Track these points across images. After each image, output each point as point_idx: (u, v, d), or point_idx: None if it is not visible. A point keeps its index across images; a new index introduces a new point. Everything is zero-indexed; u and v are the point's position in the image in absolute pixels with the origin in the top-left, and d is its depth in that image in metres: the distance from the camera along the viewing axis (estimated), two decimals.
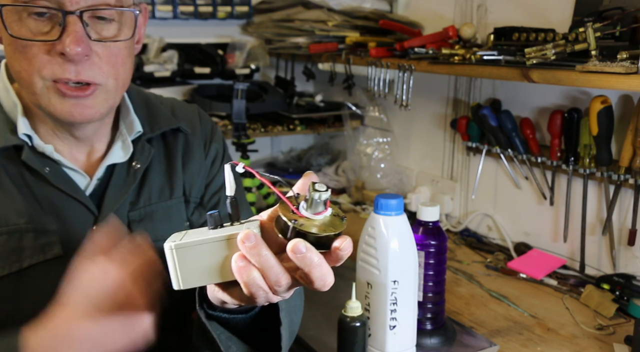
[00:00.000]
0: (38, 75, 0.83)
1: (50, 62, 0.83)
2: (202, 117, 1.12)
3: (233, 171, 0.71)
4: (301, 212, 0.66)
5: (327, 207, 0.67)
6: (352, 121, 2.12)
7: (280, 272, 0.67)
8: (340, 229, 0.66)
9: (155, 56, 1.99)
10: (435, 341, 1.18)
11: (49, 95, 0.85)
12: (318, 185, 0.66)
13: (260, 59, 2.14)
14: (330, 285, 0.67)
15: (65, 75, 0.83)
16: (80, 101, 0.86)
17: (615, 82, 1.08)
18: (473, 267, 1.59)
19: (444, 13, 1.82)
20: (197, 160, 1.07)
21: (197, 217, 1.06)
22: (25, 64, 0.83)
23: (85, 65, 0.84)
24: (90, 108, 0.87)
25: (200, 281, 0.70)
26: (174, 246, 0.68)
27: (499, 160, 1.68)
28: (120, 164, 0.98)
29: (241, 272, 0.66)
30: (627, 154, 1.34)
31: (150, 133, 1.01)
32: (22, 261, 0.89)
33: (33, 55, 0.82)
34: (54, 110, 0.86)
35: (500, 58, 1.37)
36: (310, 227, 0.65)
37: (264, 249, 0.65)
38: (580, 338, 1.23)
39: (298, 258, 0.64)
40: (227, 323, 0.82)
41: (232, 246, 0.67)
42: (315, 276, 0.65)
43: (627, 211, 1.41)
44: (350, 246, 0.66)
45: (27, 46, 0.82)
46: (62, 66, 0.83)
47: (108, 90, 0.88)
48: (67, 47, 0.81)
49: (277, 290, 0.68)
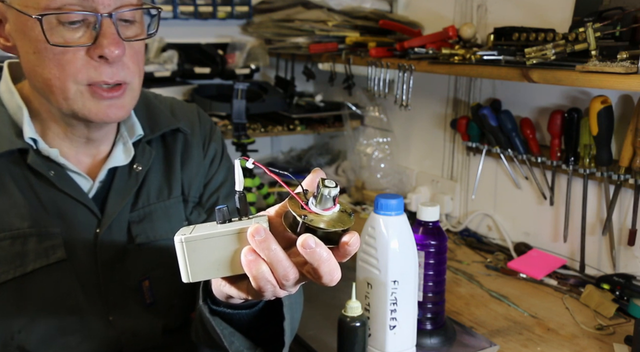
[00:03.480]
0: (72, 81, 0.85)
1: (85, 66, 0.84)
2: (201, 116, 1.12)
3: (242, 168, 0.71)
4: (310, 207, 0.67)
5: (335, 203, 0.67)
6: (352, 121, 2.12)
7: (289, 267, 0.67)
8: (348, 225, 0.67)
9: (155, 56, 1.99)
10: (435, 341, 1.18)
11: (83, 99, 0.86)
12: (327, 181, 0.66)
13: (260, 59, 2.14)
14: (337, 280, 0.67)
15: (102, 79, 0.85)
16: (114, 102, 0.88)
17: (615, 82, 1.08)
18: (473, 267, 1.59)
19: (444, 13, 1.82)
20: (196, 160, 1.07)
21: (195, 217, 1.06)
22: (57, 71, 0.84)
23: (118, 66, 0.86)
24: (122, 108, 0.89)
25: (209, 274, 0.70)
26: (184, 239, 0.68)
27: (499, 160, 1.68)
28: (121, 167, 0.98)
29: (250, 265, 0.67)
30: (627, 154, 1.34)
31: (151, 134, 1.01)
32: (26, 265, 0.89)
33: (67, 62, 0.84)
34: (88, 113, 0.87)
35: (500, 58, 1.37)
36: (319, 222, 0.66)
37: (274, 243, 0.66)
38: (580, 338, 1.23)
39: (307, 253, 0.64)
40: (230, 319, 0.82)
41: (242, 240, 0.68)
42: (324, 271, 0.66)
43: (627, 211, 1.41)
44: (358, 241, 0.67)
45: (61, 54, 0.83)
46: (97, 70, 0.85)
47: (134, 88, 0.91)
48: (106, 48, 0.83)
49: (285, 284, 0.69)
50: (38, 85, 0.88)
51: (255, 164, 0.69)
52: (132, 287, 0.98)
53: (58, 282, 0.91)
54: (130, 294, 0.98)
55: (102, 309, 0.95)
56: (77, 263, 0.93)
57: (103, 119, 0.88)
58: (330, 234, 0.66)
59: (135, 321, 0.98)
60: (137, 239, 0.98)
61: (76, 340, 0.93)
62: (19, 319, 0.90)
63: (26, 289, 0.89)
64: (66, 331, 0.92)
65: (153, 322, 1.00)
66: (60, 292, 0.92)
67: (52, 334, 0.92)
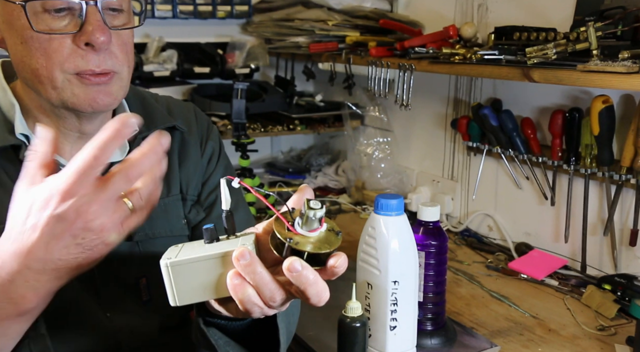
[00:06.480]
0: (60, 70, 0.84)
1: (72, 55, 0.83)
2: (198, 115, 1.12)
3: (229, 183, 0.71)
4: (296, 229, 0.67)
5: (322, 223, 0.67)
6: (352, 121, 2.12)
7: (275, 289, 0.67)
8: (335, 246, 0.67)
9: (154, 56, 1.98)
10: (435, 341, 1.17)
11: (72, 86, 0.85)
12: (313, 202, 0.66)
13: (260, 58, 2.14)
14: (325, 300, 0.68)
15: (89, 67, 0.84)
16: (102, 88, 0.87)
17: (617, 82, 1.08)
18: (474, 267, 1.59)
19: (444, 12, 1.82)
20: (194, 159, 1.07)
21: (194, 215, 1.06)
22: (44, 60, 0.83)
23: (105, 54, 0.85)
24: (110, 95, 0.88)
25: (196, 298, 0.71)
26: (169, 263, 0.68)
27: (500, 160, 1.67)
28: (117, 162, 0.97)
29: (236, 289, 0.67)
30: (628, 154, 1.34)
31: (146, 131, 1.01)
32: None
33: (54, 50, 0.83)
34: (77, 100, 0.86)
35: (501, 57, 1.36)
36: (305, 244, 0.66)
37: (259, 266, 0.66)
38: (582, 339, 1.22)
39: (294, 276, 0.64)
40: (225, 329, 0.82)
41: (227, 263, 0.68)
42: (311, 293, 0.66)
43: (628, 211, 1.40)
44: (346, 262, 0.67)
45: (47, 42, 0.83)
46: (84, 58, 0.84)
47: (122, 78, 0.90)
48: (92, 36, 0.82)
49: (272, 305, 0.69)
50: (27, 77, 0.87)
51: (240, 183, 0.70)
52: (129, 285, 0.98)
53: None
54: (127, 291, 0.97)
55: (98, 306, 0.95)
56: None
57: (92, 105, 0.87)
58: (317, 255, 0.66)
59: (132, 318, 0.97)
60: (135, 236, 0.98)
61: (73, 336, 0.93)
62: None
63: None
64: (62, 327, 0.92)
65: (150, 319, 0.99)
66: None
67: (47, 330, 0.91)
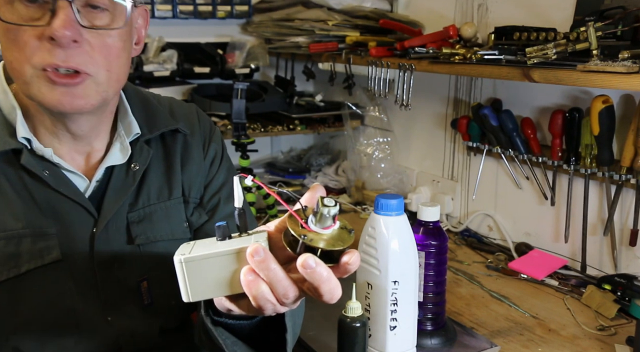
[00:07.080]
0: (28, 64, 0.82)
1: (40, 48, 0.81)
2: (200, 117, 1.11)
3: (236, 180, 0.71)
4: (310, 226, 0.67)
5: (335, 221, 0.68)
6: (352, 121, 2.12)
7: (288, 286, 0.67)
8: (348, 243, 0.67)
9: (154, 56, 1.98)
10: (435, 341, 1.17)
11: (39, 83, 0.83)
12: (327, 200, 0.66)
13: (260, 58, 2.13)
14: (338, 298, 0.68)
15: (53, 61, 0.81)
16: (70, 90, 0.83)
17: (617, 82, 1.08)
18: (474, 267, 1.59)
19: (444, 12, 1.82)
20: (196, 161, 1.06)
21: (196, 218, 1.05)
22: (17, 53, 0.82)
23: (74, 51, 0.82)
24: (80, 98, 0.84)
25: (209, 294, 0.71)
26: (183, 259, 0.68)
27: (500, 160, 1.67)
28: (119, 166, 0.97)
29: (250, 285, 0.67)
30: (628, 154, 1.34)
31: (149, 134, 1.00)
32: (20, 266, 0.88)
33: (24, 43, 0.81)
34: (43, 98, 0.84)
35: (501, 57, 1.36)
36: (319, 241, 0.66)
37: (273, 263, 0.66)
38: (582, 339, 1.22)
39: (308, 273, 0.64)
40: (232, 328, 0.82)
41: (241, 259, 0.68)
42: (324, 290, 0.66)
43: (628, 211, 1.40)
44: (359, 260, 0.68)
45: (19, 34, 0.81)
46: (50, 52, 0.81)
47: (99, 82, 0.86)
48: (55, 31, 0.79)
49: (285, 302, 0.69)
50: (10, 73, 0.86)
51: (254, 181, 0.70)
52: (130, 288, 0.97)
53: (53, 283, 0.91)
54: (128, 294, 0.97)
55: (99, 310, 0.94)
56: (73, 263, 0.92)
57: (57, 106, 0.84)
58: (330, 252, 0.66)
59: (133, 322, 0.97)
60: (137, 239, 0.97)
61: (73, 340, 0.93)
62: (13, 320, 0.89)
63: (20, 291, 0.89)
64: (62, 331, 0.92)
65: (151, 322, 0.99)
66: (55, 292, 0.91)
67: (48, 335, 0.91)
